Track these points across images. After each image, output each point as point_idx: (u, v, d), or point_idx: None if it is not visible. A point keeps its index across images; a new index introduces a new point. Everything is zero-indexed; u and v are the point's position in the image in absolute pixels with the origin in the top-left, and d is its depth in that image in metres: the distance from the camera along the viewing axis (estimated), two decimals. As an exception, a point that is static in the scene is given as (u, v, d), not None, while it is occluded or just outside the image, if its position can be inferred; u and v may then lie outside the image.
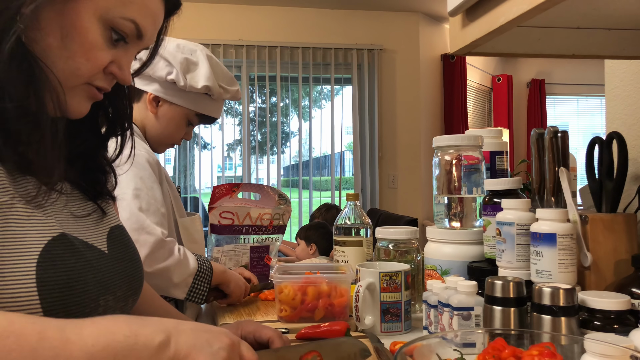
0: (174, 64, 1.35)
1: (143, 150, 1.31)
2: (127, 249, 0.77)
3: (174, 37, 1.42)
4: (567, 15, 0.91)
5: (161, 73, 1.36)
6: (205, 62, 1.39)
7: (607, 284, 0.94)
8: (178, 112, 1.41)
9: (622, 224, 0.96)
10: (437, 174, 1.21)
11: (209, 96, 1.42)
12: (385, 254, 1.21)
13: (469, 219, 1.18)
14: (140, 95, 1.41)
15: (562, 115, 5.94)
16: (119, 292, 0.70)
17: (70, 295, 0.61)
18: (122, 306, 0.72)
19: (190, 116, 1.43)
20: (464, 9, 0.94)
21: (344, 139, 4.50)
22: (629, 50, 1.04)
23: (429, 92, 4.73)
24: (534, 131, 1.12)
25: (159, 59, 1.36)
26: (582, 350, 0.63)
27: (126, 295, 0.73)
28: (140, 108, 1.41)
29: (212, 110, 1.46)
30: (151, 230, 1.18)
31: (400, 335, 1.04)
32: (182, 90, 1.39)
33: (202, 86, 1.37)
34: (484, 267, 1.05)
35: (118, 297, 0.70)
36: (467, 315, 0.90)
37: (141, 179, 1.25)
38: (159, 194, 1.28)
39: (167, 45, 1.35)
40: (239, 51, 4.24)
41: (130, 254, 0.77)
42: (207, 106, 1.44)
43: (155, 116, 1.41)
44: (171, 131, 1.43)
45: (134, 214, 1.20)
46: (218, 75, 1.42)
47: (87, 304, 0.63)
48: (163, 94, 1.39)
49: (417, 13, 4.56)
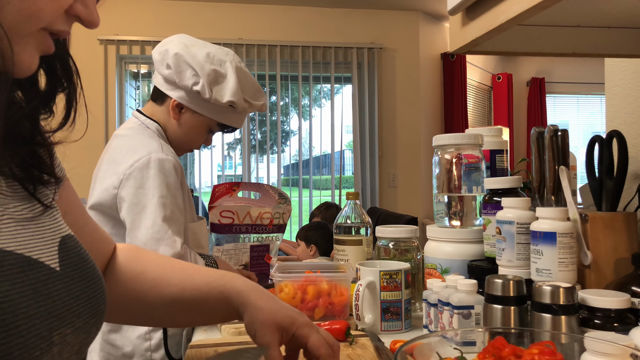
0: (201, 75, 1.33)
1: (170, 154, 1.30)
2: (86, 264, 0.58)
3: (201, 42, 1.40)
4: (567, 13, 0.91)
5: (187, 82, 1.34)
6: (233, 76, 1.36)
7: (607, 283, 0.94)
8: (200, 121, 1.40)
9: (622, 223, 0.96)
10: (437, 172, 1.21)
11: (233, 108, 1.41)
12: (385, 253, 1.21)
13: (469, 217, 1.18)
14: (164, 99, 1.40)
15: (562, 113, 5.94)
16: (78, 322, 0.53)
17: (8, 338, 0.44)
18: (84, 338, 0.55)
19: (212, 125, 1.42)
20: (464, 8, 0.94)
21: (344, 137, 4.50)
22: (629, 49, 1.04)
23: (429, 90, 4.73)
24: (534, 130, 1.12)
25: (187, 66, 1.33)
26: (582, 349, 0.63)
27: (88, 324, 0.55)
28: (163, 112, 1.40)
29: (234, 122, 1.44)
30: (171, 243, 1.18)
31: (401, 333, 1.04)
32: (206, 102, 1.37)
33: (227, 101, 1.35)
34: (484, 266, 1.05)
35: (79, 329, 0.53)
36: (467, 314, 0.90)
37: (167, 185, 1.24)
38: (181, 202, 1.28)
39: (196, 52, 1.34)
40: (239, 50, 4.24)
41: (89, 270, 0.58)
42: (230, 117, 1.42)
43: (177, 123, 1.40)
44: (192, 138, 1.42)
45: (157, 223, 1.19)
46: (245, 89, 1.40)
47: (36, 345, 0.46)
48: (187, 102, 1.37)
49: (417, 12, 4.56)
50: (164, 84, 1.39)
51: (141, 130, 1.37)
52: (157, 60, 1.38)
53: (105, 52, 4.06)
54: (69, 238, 0.58)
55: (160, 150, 1.28)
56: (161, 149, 1.29)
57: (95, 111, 4.02)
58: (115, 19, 4.07)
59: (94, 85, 4.03)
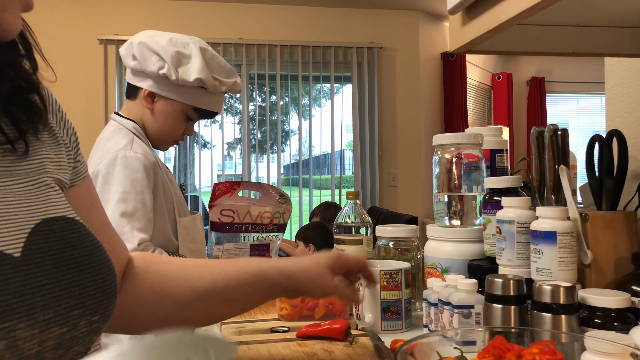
0: (165, 58, 1.33)
1: (140, 152, 1.29)
2: (75, 249, 0.52)
3: (166, 32, 1.41)
4: (567, 12, 0.91)
5: (153, 68, 1.34)
6: (198, 55, 1.35)
7: (607, 282, 0.94)
8: (174, 107, 1.39)
9: (622, 222, 0.96)
10: (437, 172, 1.21)
11: (204, 89, 1.39)
12: (385, 252, 1.21)
13: (469, 217, 1.18)
14: (136, 92, 1.39)
15: (562, 113, 5.93)
16: (44, 315, 0.47)
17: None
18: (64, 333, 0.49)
19: (188, 111, 1.40)
20: (464, 7, 0.94)
21: (344, 137, 4.50)
22: (628, 48, 1.04)
23: (429, 90, 4.72)
24: (534, 129, 1.12)
25: (151, 53, 1.34)
26: (582, 348, 0.63)
27: (67, 317, 0.49)
28: (138, 105, 1.40)
29: (210, 104, 1.42)
30: (129, 238, 1.18)
31: (401, 333, 1.04)
32: (175, 85, 1.36)
33: (195, 79, 1.33)
34: (484, 265, 1.05)
35: (45, 322, 0.47)
36: (468, 314, 0.90)
37: (132, 182, 1.24)
38: (149, 199, 1.27)
39: (159, 39, 1.34)
40: (239, 49, 4.24)
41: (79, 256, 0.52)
42: (204, 100, 1.40)
43: (152, 112, 1.39)
44: (170, 127, 1.41)
45: (114, 218, 1.19)
46: (213, 67, 1.38)
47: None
48: (157, 89, 1.36)
49: (417, 11, 4.56)
50: (133, 77, 1.39)
51: (117, 131, 1.37)
52: (124, 55, 1.38)
53: (105, 52, 4.06)
54: (57, 221, 0.52)
55: (129, 148, 1.28)
56: (130, 146, 1.29)
57: (95, 111, 4.03)
58: (115, 19, 4.07)
59: (94, 85, 4.02)
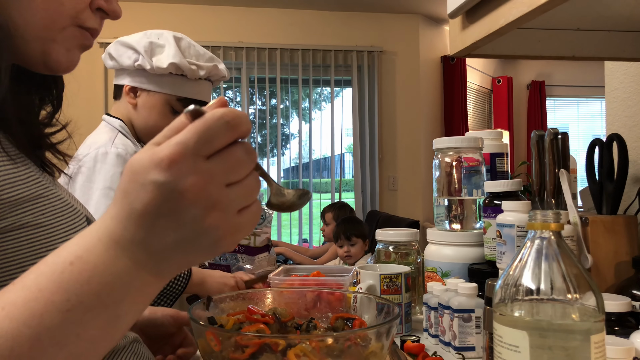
0: (139, 50, 1.33)
1: (121, 146, 1.29)
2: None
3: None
4: (567, 16, 0.91)
5: (129, 62, 1.35)
6: (172, 43, 1.34)
7: (607, 286, 0.94)
8: (157, 99, 1.38)
9: (623, 226, 0.96)
10: (438, 175, 1.21)
11: (184, 77, 1.37)
12: (385, 256, 1.21)
13: (469, 221, 1.18)
14: (120, 91, 1.40)
15: (562, 117, 5.94)
16: None
17: None
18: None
19: (171, 102, 1.38)
20: (464, 11, 0.94)
21: (344, 140, 4.50)
22: (628, 52, 1.04)
23: (429, 94, 4.73)
24: (534, 133, 1.12)
25: (125, 49, 1.35)
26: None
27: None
28: (123, 103, 1.40)
29: (193, 93, 1.40)
30: None
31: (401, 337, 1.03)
32: (154, 75, 1.35)
33: (169, 64, 1.32)
34: (485, 269, 1.05)
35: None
36: (468, 318, 0.89)
37: (113, 176, 1.24)
38: None
39: (134, 35, 1.36)
40: (239, 53, 4.25)
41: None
42: (186, 88, 1.38)
43: (135, 107, 1.39)
44: (155, 120, 1.39)
45: (98, 215, 1.19)
46: (189, 54, 1.37)
47: None
48: (137, 83, 1.37)
49: (417, 15, 4.56)
50: (115, 77, 1.41)
51: (101, 129, 1.38)
52: (104, 58, 1.41)
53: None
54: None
55: (110, 144, 1.28)
56: (111, 142, 1.29)
57: (95, 114, 4.02)
58: (115, 22, 4.04)
59: (94, 88, 4.03)
